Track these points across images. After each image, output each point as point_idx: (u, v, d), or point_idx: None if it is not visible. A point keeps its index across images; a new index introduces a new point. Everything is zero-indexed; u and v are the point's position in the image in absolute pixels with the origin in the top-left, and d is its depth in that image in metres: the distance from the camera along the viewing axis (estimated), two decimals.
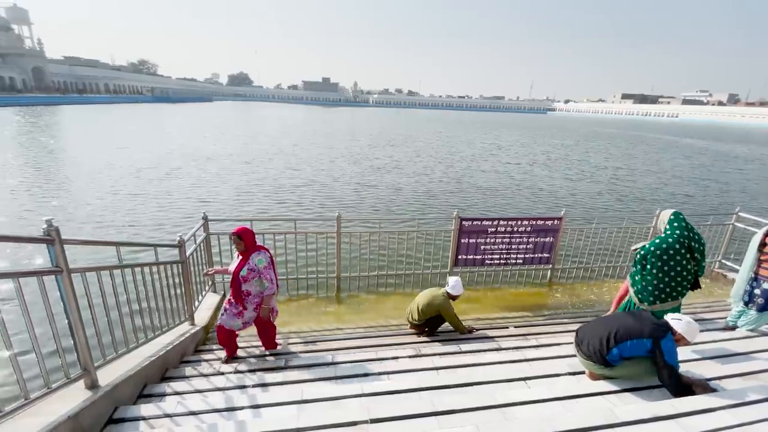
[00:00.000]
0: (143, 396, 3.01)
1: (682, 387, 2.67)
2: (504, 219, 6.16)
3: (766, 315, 4.13)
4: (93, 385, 2.57)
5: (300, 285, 5.85)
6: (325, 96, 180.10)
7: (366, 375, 3.29)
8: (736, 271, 5.88)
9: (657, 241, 3.35)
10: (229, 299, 3.70)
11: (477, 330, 4.66)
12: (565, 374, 3.18)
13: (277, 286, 3.63)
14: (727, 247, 6.89)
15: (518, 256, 6.45)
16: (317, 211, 10.87)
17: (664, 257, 3.28)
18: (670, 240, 3.28)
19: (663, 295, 3.38)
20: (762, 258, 4.11)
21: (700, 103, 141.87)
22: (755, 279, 4.16)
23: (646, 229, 6.64)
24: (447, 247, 6.20)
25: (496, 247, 6.32)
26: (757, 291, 4.09)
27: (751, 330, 4.25)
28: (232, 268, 3.67)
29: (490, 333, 4.63)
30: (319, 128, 40.42)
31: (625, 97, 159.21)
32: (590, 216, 10.71)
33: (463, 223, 6.02)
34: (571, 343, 4.06)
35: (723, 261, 6.91)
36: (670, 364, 2.62)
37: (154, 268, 3.53)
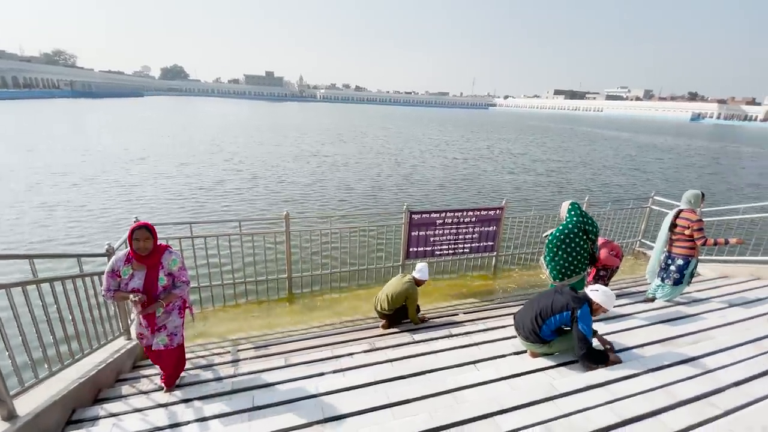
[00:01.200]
0: (72, 422, 2.73)
1: (593, 356, 2.88)
2: (451, 211, 6.38)
3: (680, 287, 4.67)
4: (10, 416, 2.30)
5: (249, 289, 5.62)
6: (270, 91, 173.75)
7: (321, 374, 3.25)
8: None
9: (560, 227, 3.96)
10: (140, 323, 2.93)
11: (429, 320, 4.81)
12: (510, 354, 3.38)
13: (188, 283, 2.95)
14: (646, 228, 7.71)
15: (465, 245, 6.72)
16: (265, 211, 10.49)
17: (567, 240, 3.88)
18: (570, 225, 3.90)
19: (568, 272, 3.97)
20: (673, 237, 4.62)
21: (621, 98, 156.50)
22: (669, 256, 4.68)
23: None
24: (398, 241, 6.30)
25: (444, 238, 6.53)
26: (672, 267, 4.61)
27: (668, 301, 4.80)
28: (136, 283, 2.73)
29: (441, 321, 4.78)
30: (264, 124, 38.95)
31: (557, 93, 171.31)
32: (529, 205, 11.45)
33: (413, 216, 6.14)
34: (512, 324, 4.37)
35: (643, 241, 7.73)
36: (582, 332, 2.84)
37: (80, 282, 3.20)
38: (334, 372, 3.28)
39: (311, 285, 5.90)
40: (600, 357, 2.93)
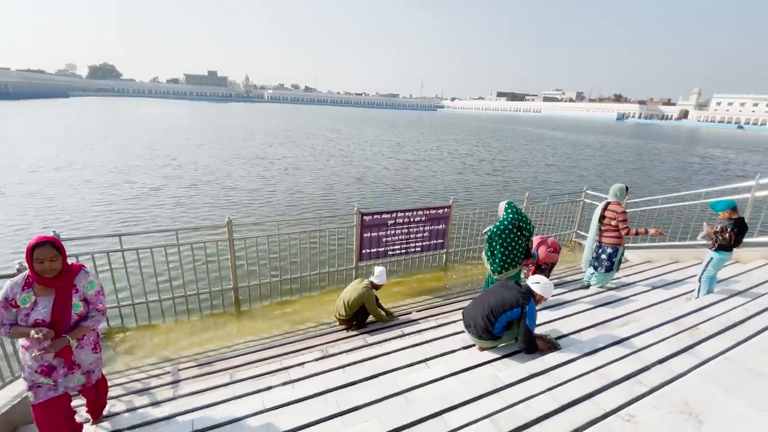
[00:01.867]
0: None
1: (532, 345, 3.13)
2: (401, 211, 6.43)
3: (611, 274, 5.07)
4: None
5: (191, 304, 5.25)
6: (213, 91, 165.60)
7: (268, 388, 3.10)
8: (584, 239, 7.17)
9: (498, 224, 4.25)
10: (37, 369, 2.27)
11: (395, 315, 4.88)
12: (460, 349, 3.45)
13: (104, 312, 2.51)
14: (581, 220, 8.31)
15: (417, 244, 6.81)
16: (206, 219, 9.83)
17: (503, 236, 4.17)
18: (506, 222, 4.18)
19: (506, 266, 4.23)
20: (603, 228, 5.01)
21: (556, 99, 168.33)
22: (600, 246, 5.06)
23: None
24: (351, 244, 6.23)
25: (396, 238, 6.57)
26: (603, 256, 4.99)
27: (601, 287, 5.18)
28: (41, 313, 2.19)
29: (394, 321, 4.79)
30: (207, 126, 36.88)
31: (499, 95, 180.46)
32: (476, 203, 11.90)
33: (364, 218, 6.10)
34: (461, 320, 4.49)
35: (578, 232, 8.31)
36: (529, 327, 3.06)
37: None
38: (283, 384, 3.14)
39: (260, 295, 5.64)
40: (535, 346, 3.15)
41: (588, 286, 5.35)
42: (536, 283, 3.19)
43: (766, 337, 2.84)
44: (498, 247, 4.19)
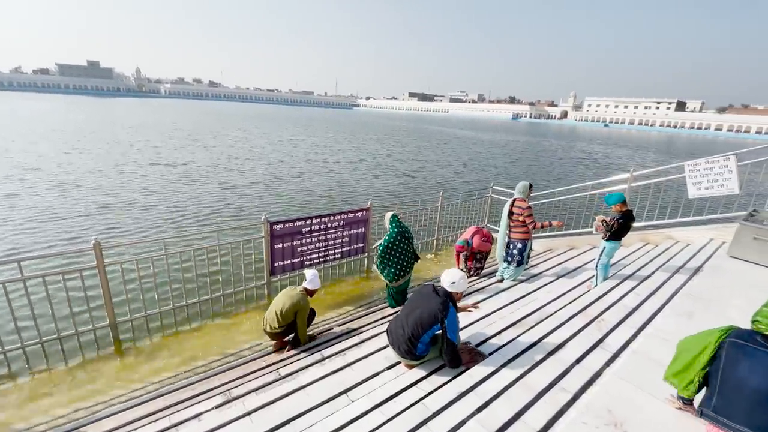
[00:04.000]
0: None
1: (456, 358, 2.95)
2: (316, 217, 5.97)
3: (521, 267, 5.27)
4: None
5: (50, 351, 4.13)
6: (96, 84, 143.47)
7: None
8: (497, 232, 7.53)
9: (387, 237, 4.65)
10: None
11: (317, 336, 4.46)
12: (383, 370, 3.15)
13: None
14: (489, 214, 8.73)
15: (336, 251, 6.42)
16: (69, 241, 7.81)
17: (394, 247, 4.60)
18: (394, 234, 4.63)
19: (402, 272, 4.67)
20: (511, 224, 5.18)
21: (461, 100, 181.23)
22: (510, 242, 5.23)
23: (434, 209, 7.69)
24: (261, 258, 5.57)
25: (313, 246, 6.09)
26: (514, 251, 5.15)
27: (513, 280, 5.37)
28: None
29: (314, 342, 4.34)
30: (86, 127, 31.33)
31: (411, 95, 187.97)
32: (396, 202, 11.87)
33: (274, 227, 5.50)
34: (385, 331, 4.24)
35: (488, 225, 8.72)
36: (451, 340, 2.87)
37: None
38: None
39: (148, 328, 4.70)
40: (459, 359, 2.97)
41: (502, 280, 5.53)
42: (452, 283, 3.07)
43: (658, 322, 3.06)
44: (392, 258, 4.59)
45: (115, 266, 4.41)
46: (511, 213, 5.17)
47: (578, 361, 2.68)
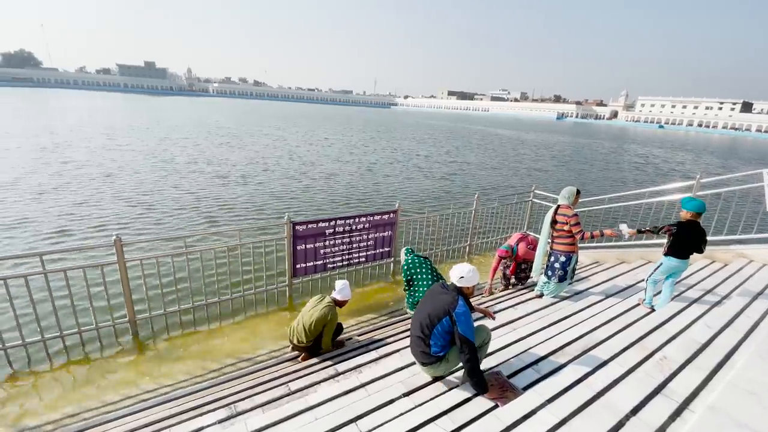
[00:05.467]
0: None
1: (478, 373, 2.60)
2: (341, 218, 5.73)
3: (564, 284, 4.71)
4: None
5: (71, 344, 4.15)
6: (151, 83, 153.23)
7: None
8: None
9: (404, 266, 4.81)
10: None
11: (345, 343, 4.26)
12: (400, 397, 2.81)
13: None
14: (530, 220, 8.10)
15: (360, 254, 6.15)
16: (93, 236, 7.76)
17: (418, 272, 4.70)
18: (410, 261, 4.79)
19: None
20: (555, 233, 4.63)
21: (503, 99, 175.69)
22: (552, 253, 4.68)
23: (469, 212, 7.21)
24: (282, 258, 5.41)
25: (336, 248, 5.86)
26: (556, 264, 4.60)
27: (554, 297, 4.81)
28: None
29: (330, 353, 4.06)
30: (138, 123, 33.30)
31: (450, 94, 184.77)
32: (425, 206, 11.42)
33: (297, 228, 5.31)
34: (408, 346, 3.89)
35: (527, 232, 8.08)
36: (463, 335, 2.56)
37: None
38: None
39: (167, 325, 4.65)
40: (483, 385, 2.62)
41: (541, 296, 4.98)
42: (461, 277, 2.76)
43: (739, 366, 2.48)
44: (422, 279, 4.65)
45: (134, 262, 4.34)
46: (554, 221, 4.62)
47: (635, 411, 2.19)
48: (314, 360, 3.95)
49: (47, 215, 8.77)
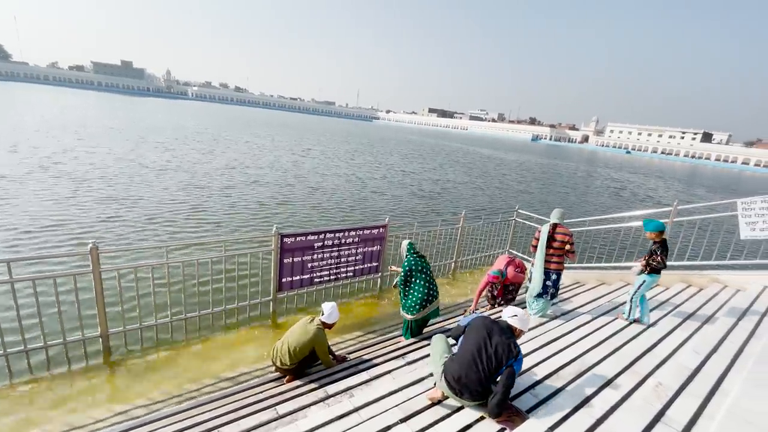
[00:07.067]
0: None
1: (504, 408, 2.57)
2: (330, 231, 5.62)
3: (550, 302, 4.76)
4: None
5: (35, 361, 3.80)
6: (127, 83, 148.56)
7: None
8: (525, 259, 7.00)
9: (405, 264, 4.50)
10: None
11: (347, 359, 4.17)
12: (397, 423, 2.70)
13: None
14: (513, 238, 8.22)
15: (348, 268, 6.03)
16: (65, 244, 7.15)
17: (417, 272, 4.44)
18: (412, 261, 4.49)
19: (426, 301, 4.39)
20: (550, 252, 4.64)
21: (481, 119, 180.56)
22: (545, 272, 4.70)
23: (454, 230, 7.24)
24: (268, 272, 5.22)
25: (324, 262, 5.72)
26: (548, 282, 4.64)
27: (541, 316, 4.83)
28: None
29: (318, 373, 3.90)
30: (114, 124, 32.05)
31: (431, 110, 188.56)
32: (414, 222, 11.43)
33: (285, 240, 5.16)
34: (403, 365, 3.78)
35: (510, 251, 8.20)
36: (511, 383, 2.54)
37: None
38: None
39: (141, 341, 4.35)
40: (503, 410, 2.58)
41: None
42: (514, 316, 2.74)
43: (734, 394, 2.53)
44: (414, 287, 4.40)
45: (109, 272, 4.07)
46: (552, 239, 4.64)
47: None
48: (300, 381, 3.78)
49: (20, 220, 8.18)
